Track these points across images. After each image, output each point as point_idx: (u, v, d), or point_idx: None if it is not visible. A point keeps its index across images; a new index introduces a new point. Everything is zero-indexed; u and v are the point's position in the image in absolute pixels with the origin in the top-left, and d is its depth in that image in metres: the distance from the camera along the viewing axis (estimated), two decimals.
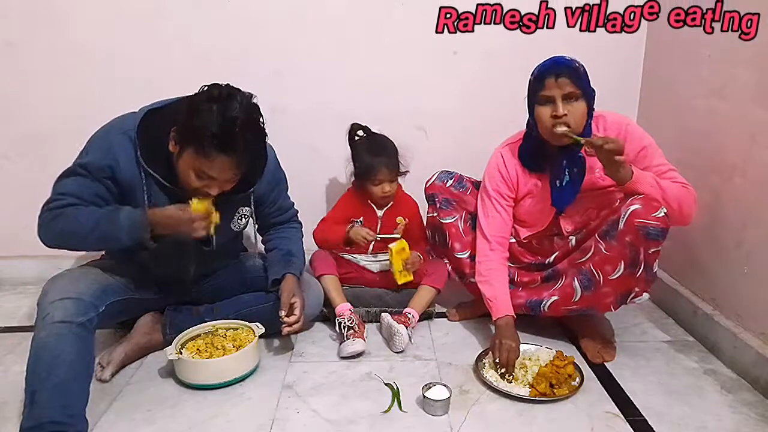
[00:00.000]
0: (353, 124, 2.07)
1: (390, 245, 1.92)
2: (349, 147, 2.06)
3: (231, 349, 1.65)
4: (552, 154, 1.72)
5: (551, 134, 1.64)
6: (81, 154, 1.54)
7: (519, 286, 1.86)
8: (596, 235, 1.65)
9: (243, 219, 1.76)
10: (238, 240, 1.93)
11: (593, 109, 1.66)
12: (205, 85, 1.46)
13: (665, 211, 1.54)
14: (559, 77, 1.58)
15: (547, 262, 1.83)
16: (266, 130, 1.52)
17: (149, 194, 1.54)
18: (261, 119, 1.50)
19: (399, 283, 1.94)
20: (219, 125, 1.38)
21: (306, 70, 2.21)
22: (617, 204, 1.63)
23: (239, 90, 1.46)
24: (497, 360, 1.64)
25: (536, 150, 1.74)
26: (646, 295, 1.66)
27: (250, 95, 1.47)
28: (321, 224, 2.08)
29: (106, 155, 1.50)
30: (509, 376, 1.62)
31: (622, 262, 1.59)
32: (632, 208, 1.54)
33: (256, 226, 1.88)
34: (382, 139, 2.05)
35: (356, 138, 2.06)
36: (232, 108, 1.40)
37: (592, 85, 1.65)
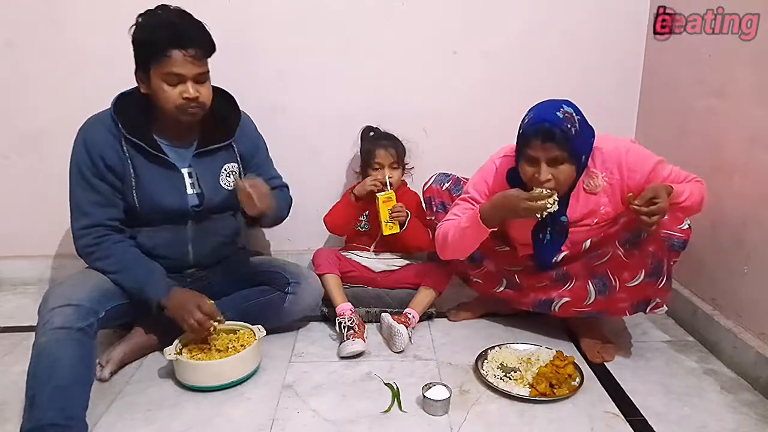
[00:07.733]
0: (366, 126, 2.15)
1: (377, 194, 1.97)
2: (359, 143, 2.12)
3: (231, 351, 1.65)
4: None
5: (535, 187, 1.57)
6: (71, 160, 1.63)
7: (524, 289, 1.82)
8: (616, 241, 1.62)
9: (231, 176, 1.76)
10: (234, 216, 1.88)
11: (587, 163, 1.61)
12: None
13: (689, 223, 1.54)
14: (545, 142, 1.50)
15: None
16: (204, 24, 1.61)
17: (135, 171, 1.63)
18: (194, 18, 1.59)
19: (384, 233, 1.99)
20: (158, 28, 1.53)
21: (306, 70, 2.21)
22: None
23: (162, 5, 1.59)
24: (539, 191, 1.54)
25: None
26: (665, 308, 1.65)
27: (176, 6, 1.60)
28: (328, 213, 2.11)
29: (91, 149, 1.59)
30: (551, 202, 1.52)
31: (643, 271, 1.58)
32: None
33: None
34: (386, 133, 2.12)
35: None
36: (159, 15, 1.55)
37: (588, 131, 1.56)
